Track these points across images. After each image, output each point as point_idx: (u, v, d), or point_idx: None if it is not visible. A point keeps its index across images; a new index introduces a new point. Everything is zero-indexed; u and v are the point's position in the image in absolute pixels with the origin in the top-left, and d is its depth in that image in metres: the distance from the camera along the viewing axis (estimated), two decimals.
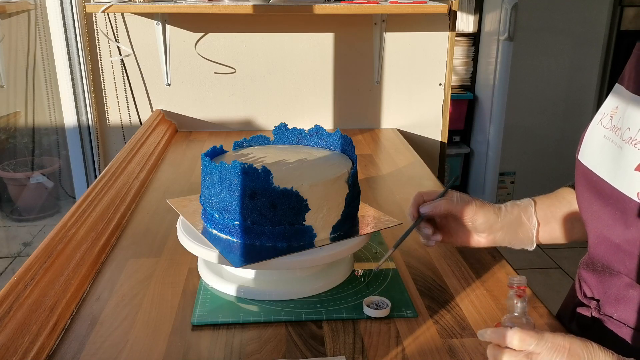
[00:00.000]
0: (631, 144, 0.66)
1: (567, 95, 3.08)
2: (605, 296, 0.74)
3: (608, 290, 0.74)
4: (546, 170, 3.16)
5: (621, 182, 0.67)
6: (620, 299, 0.71)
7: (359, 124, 2.03)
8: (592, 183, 0.72)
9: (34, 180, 2.77)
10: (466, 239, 0.89)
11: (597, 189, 0.71)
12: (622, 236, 0.68)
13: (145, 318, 0.84)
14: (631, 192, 0.65)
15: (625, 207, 0.66)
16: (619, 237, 0.68)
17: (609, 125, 0.71)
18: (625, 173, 0.66)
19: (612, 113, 0.71)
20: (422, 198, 0.88)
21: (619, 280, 0.71)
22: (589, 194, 0.73)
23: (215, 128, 1.97)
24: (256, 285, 0.89)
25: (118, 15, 1.84)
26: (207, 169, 0.88)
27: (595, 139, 0.73)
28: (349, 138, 0.98)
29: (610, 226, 0.69)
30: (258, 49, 1.91)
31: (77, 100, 1.87)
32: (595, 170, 0.71)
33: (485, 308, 0.87)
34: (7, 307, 0.77)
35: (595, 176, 0.71)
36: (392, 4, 1.80)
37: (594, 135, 0.73)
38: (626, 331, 0.71)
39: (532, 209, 0.87)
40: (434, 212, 0.86)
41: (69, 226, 1.04)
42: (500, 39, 3.01)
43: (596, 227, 0.72)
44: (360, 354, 0.76)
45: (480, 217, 0.85)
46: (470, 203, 0.85)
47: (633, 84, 0.69)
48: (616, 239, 0.68)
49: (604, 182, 0.70)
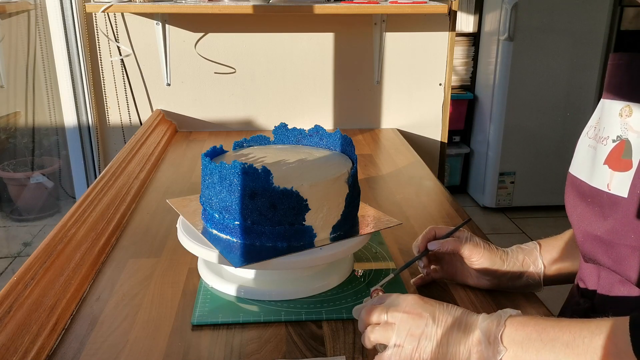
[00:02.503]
0: (601, 142, 0.71)
1: (567, 95, 3.08)
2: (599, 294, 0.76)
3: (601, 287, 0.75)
4: (546, 170, 3.16)
5: (596, 179, 0.71)
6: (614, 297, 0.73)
7: (359, 124, 2.03)
8: (576, 187, 0.76)
9: (34, 180, 2.77)
10: (468, 279, 0.91)
11: (579, 192, 0.75)
12: (602, 228, 0.70)
13: (145, 318, 0.84)
14: (603, 185, 0.70)
15: (601, 200, 0.70)
16: (600, 230, 0.71)
17: (592, 136, 0.75)
18: (597, 169, 0.71)
19: (596, 124, 0.75)
20: (433, 233, 0.90)
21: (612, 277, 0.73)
22: (573, 198, 0.77)
23: (215, 128, 1.98)
24: (256, 285, 0.90)
25: (118, 15, 1.84)
26: (207, 169, 0.88)
27: (581, 150, 0.77)
28: (349, 138, 0.98)
29: (592, 222, 0.72)
30: (258, 49, 1.91)
31: (77, 100, 1.87)
32: (579, 175, 0.75)
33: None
34: (7, 307, 0.77)
35: (579, 180, 0.75)
36: (392, 4, 1.80)
37: (581, 147, 0.77)
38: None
39: (537, 252, 0.88)
40: (441, 250, 0.88)
41: (69, 226, 1.04)
42: (500, 39, 3.01)
43: (581, 226, 0.75)
44: (360, 354, 0.76)
45: (486, 261, 0.86)
46: (477, 246, 0.87)
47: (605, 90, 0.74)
48: (597, 232, 0.71)
49: (584, 183, 0.74)
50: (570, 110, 3.10)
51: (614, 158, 0.68)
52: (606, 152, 0.70)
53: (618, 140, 0.68)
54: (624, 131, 0.68)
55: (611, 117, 0.71)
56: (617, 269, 0.70)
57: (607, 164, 0.69)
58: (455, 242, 0.87)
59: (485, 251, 0.86)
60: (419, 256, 0.89)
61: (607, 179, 0.69)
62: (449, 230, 0.90)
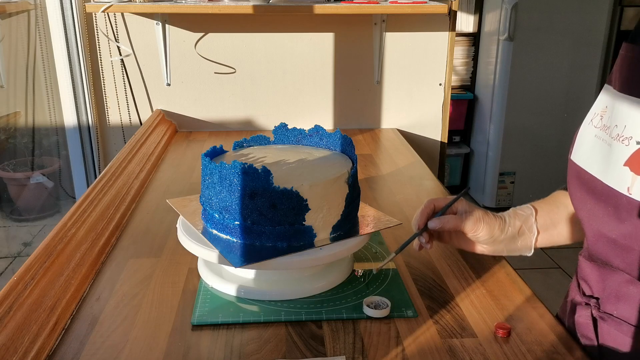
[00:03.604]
0: (619, 140, 0.68)
1: (567, 95, 3.08)
2: (604, 293, 0.75)
3: (608, 287, 0.74)
4: (546, 170, 3.16)
5: (612, 178, 0.69)
6: (621, 296, 0.72)
7: (359, 124, 2.03)
8: (585, 181, 0.74)
9: (34, 180, 2.77)
10: (467, 246, 0.92)
11: (589, 187, 0.73)
12: (617, 231, 0.69)
13: (145, 318, 0.84)
14: (622, 187, 0.67)
15: (617, 202, 0.68)
16: (614, 232, 0.69)
17: (599, 125, 0.73)
18: (615, 169, 0.68)
19: (602, 113, 0.73)
20: (432, 207, 0.90)
21: (619, 277, 0.72)
22: (582, 193, 0.75)
23: (215, 128, 1.98)
24: (256, 285, 0.89)
25: (118, 15, 1.84)
26: (207, 169, 0.87)
27: (586, 139, 0.75)
28: (349, 138, 0.98)
29: (606, 222, 0.70)
30: (258, 49, 1.91)
31: (77, 100, 1.87)
32: (587, 168, 0.73)
33: (485, 308, 0.87)
34: (7, 307, 0.77)
35: (588, 174, 0.73)
36: (392, 4, 1.80)
37: (585, 135, 0.75)
38: (627, 329, 0.71)
39: (533, 218, 0.89)
40: (442, 228, 0.88)
41: (69, 226, 1.04)
42: (500, 39, 3.01)
43: (592, 224, 0.73)
44: (360, 354, 0.76)
45: (485, 233, 0.87)
46: (477, 222, 0.87)
47: (619, 83, 0.70)
48: (612, 234, 0.70)
49: (595, 179, 0.71)
50: (570, 110, 3.10)
51: (637, 161, 0.66)
52: (628, 153, 0.67)
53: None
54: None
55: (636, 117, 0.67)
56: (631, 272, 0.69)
57: (629, 166, 0.66)
58: (455, 220, 0.87)
59: (484, 224, 0.87)
60: (418, 232, 0.88)
61: (628, 182, 0.66)
62: (447, 201, 0.89)
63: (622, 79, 0.70)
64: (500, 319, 0.84)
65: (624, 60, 0.71)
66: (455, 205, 0.89)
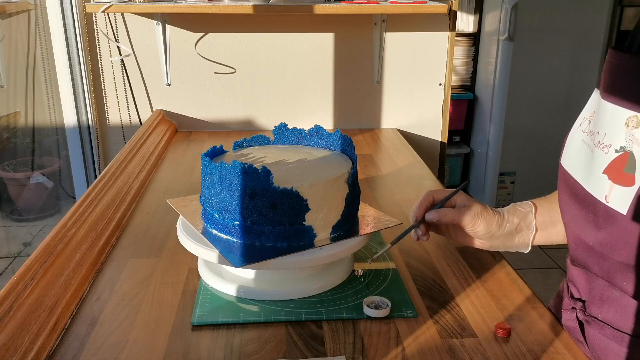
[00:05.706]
0: (600, 147, 0.68)
1: (567, 95, 3.08)
2: (590, 296, 0.75)
3: (593, 290, 0.75)
4: (546, 170, 3.16)
5: (592, 185, 0.69)
6: (605, 300, 0.72)
7: (359, 124, 2.03)
8: (570, 186, 0.74)
9: (34, 180, 2.77)
10: (464, 240, 0.91)
11: (573, 192, 0.73)
12: (594, 238, 0.69)
13: (145, 318, 0.84)
14: (600, 195, 0.67)
15: (596, 209, 0.68)
16: (592, 239, 0.69)
17: (587, 130, 0.73)
18: (595, 176, 0.68)
19: (590, 117, 0.73)
20: (431, 199, 0.89)
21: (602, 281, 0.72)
22: (568, 197, 0.75)
23: (215, 128, 1.98)
24: (256, 285, 0.89)
25: (118, 15, 1.84)
26: (207, 169, 0.87)
27: (574, 144, 0.75)
28: (349, 138, 0.98)
29: (585, 229, 0.71)
30: (258, 49, 1.91)
31: (77, 100, 1.87)
32: (573, 173, 0.73)
33: (485, 308, 0.87)
34: (7, 307, 0.77)
35: (572, 179, 0.73)
36: (392, 4, 1.80)
37: (574, 139, 0.75)
38: (610, 332, 0.71)
39: (533, 215, 0.88)
40: (439, 221, 0.87)
41: (69, 226, 1.04)
42: (500, 39, 3.01)
43: (573, 229, 0.74)
44: (360, 354, 0.76)
45: (483, 229, 0.86)
46: (476, 216, 0.86)
47: (602, 89, 0.70)
48: (590, 241, 0.70)
49: (579, 185, 0.72)
50: (570, 110, 3.10)
51: (615, 169, 0.65)
52: (607, 161, 0.67)
53: (621, 152, 0.65)
54: (629, 143, 0.64)
55: (615, 125, 0.67)
56: (608, 279, 0.69)
57: (607, 174, 0.66)
58: (454, 213, 0.86)
59: (482, 220, 0.86)
60: (415, 224, 0.88)
61: (606, 190, 0.66)
62: (446, 194, 0.89)
63: (605, 85, 0.70)
64: (501, 319, 0.84)
65: (607, 66, 0.70)
66: (455, 199, 0.88)
